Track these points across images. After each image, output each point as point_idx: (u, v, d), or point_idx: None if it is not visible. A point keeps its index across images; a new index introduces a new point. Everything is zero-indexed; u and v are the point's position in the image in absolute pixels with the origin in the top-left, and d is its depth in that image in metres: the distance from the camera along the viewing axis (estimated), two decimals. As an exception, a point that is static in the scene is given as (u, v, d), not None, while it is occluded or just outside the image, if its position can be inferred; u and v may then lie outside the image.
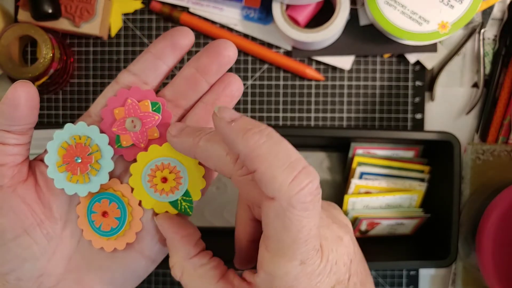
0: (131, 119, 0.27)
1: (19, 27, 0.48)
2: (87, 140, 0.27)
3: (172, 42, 0.27)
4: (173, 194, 0.28)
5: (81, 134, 0.27)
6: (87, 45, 0.53)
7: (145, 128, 0.27)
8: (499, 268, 0.46)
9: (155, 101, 0.27)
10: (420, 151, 0.51)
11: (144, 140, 0.27)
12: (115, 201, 0.28)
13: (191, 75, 0.27)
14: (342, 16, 0.48)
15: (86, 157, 0.27)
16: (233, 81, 0.28)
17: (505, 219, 0.46)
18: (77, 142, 0.27)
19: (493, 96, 0.52)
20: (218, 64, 0.27)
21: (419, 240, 0.51)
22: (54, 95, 0.53)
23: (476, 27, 0.52)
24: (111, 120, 0.27)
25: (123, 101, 0.27)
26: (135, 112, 0.27)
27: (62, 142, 0.27)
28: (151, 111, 0.27)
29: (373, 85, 0.53)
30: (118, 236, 0.28)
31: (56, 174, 0.27)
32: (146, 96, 0.27)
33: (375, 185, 0.49)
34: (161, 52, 0.27)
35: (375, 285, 0.54)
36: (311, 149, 0.53)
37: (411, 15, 0.47)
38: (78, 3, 0.49)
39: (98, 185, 0.28)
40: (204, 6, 0.52)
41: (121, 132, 0.27)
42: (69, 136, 0.27)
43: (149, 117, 0.27)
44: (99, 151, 0.27)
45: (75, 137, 0.27)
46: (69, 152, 0.27)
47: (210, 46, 0.27)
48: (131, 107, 0.27)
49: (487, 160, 0.51)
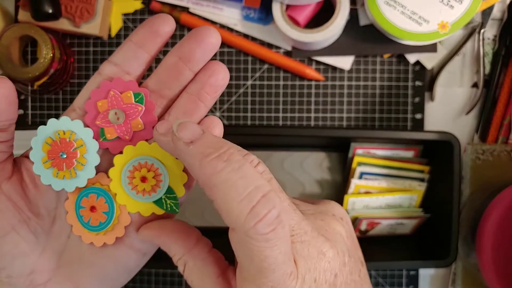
0: (114, 111, 0.27)
1: (19, 27, 0.48)
2: (71, 135, 0.27)
3: (152, 29, 0.26)
4: (156, 193, 0.27)
5: (65, 129, 0.27)
6: (87, 45, 0.53)
7: (129, 120, 0.27)
8: (499, 268, 0.46)
9: (138, 91, 0.27)
10: (420, 151, 0.51)
11: (128, 132, 0.27)
12: (103, 195, 0.28)
13: (174, 64, 0.26)
14: (342, 16, 0.48)
15: (71, 152, 0.27)
16: (218, 69, 0.27)
17: (505, 219, 0.46)
18: (61, 137, 0.27)
19: (493, 96, 0.52)
20: (202, 51, 0.26)
21: (419, 240, 0.52)
22: (54, 95, 0.53)
23: (476, 27, 0.52)
24: (95, 113, 0.27)
25: (106, 93, 0.27)
26: (118, 104, 0.27)
27: (46, 137, 0.27)
28: (134, 102, 0.27)
29: (373, 85, 0.53)
30: (107, 230, 0.28)
31: (42, 170, 0.27)
32: (128, 87, 0.27)
33: (375, 185, 0.49)
34: (142, 40, 0.26)
35: (375, 285, 0.54)
36: (311, 149, 0.53)
37: (411, 15, 0.47)
38: (78, 3, 0.49)
39: (85, 180, 0.27)
40: (204, 6, 0.52)
41: (105, 125, 0.27)
42: (53, 132, 0.27)
43: (132, 108, 0.27)
44: (84, 145, 0.27)
45: (59, 132, 0.27)
46: (54, 148, 0.27)
47: (193, 33, 0.26)
48: (114, 99, 0.27)
49: (487, 160, 0.51)
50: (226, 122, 0.53)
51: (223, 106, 0.53)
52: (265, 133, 0.46)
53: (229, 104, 0.53)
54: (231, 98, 0.53)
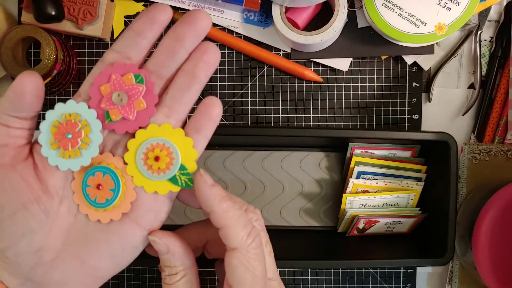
0: (117, 93, 0.29)
1: (22, 29, 0.48)
2: (77, 117, 0.29)
3: (150, 18, 0.28)
4: (170, 171, 0.29)
5: (71, 112, 0.29)
6: (90, 46, 0.53)
7: (131, 100, 0.29)
8: (495, 265, 0.47)
9: (138, 73, 0.29)
10: (417, 151, 0.51)
11: (132, 112, 0.29)
12: (109, 173, 0.29)
13: (169, 44, 0.28)
14: (340, 19, 0.49)
15: (76, 132, 0.29)
16: (209, 49, 0.29)
17: (501, 218, 0.47)
18: (67, 119, 0.29)
19: (489, 97, 0.53)
20: (194, 32, 0.28)
21: (416, 239, 0.52)
22: (57, 96, 0.54)
23: (473, 29, 0.53)
24: (99, 97, 0.29)
25: (108, 78, 0.28)
26: (120, 86, 0.29)
27: (54, 121, 0.29)
28: (135, 83, 0.29)
29: (370, 86, 0.54)
30: (113, 206, 0.29)
31: (49, 151, 0.29)
32: (128, 70, 0.28)
33: (372, 184, 0.49)
34: (141, 28, 0.28)
35: (373, 283, 0.55)
36: (310, 149, 0.53)
37: (409, 17, 0.48)
38: (81, 6, 0.49)
39: (89, 159, 0.29)
40: (205, 9, 0.52)
41: (109, 107, 0.29)
42: (60, 115, 0.29)
43: (134, 89, 0.29)
44: (88, 125, 0.29)
45: (65, 115, 0.29)
46: (60, 129, 0.29)
47: (186, 16, 0.28)
48: (116, 82, 0.28)
49: (483, 160, 0.52)
50: (226, 122, 0.54)
51: (224, 107, 0.54)
52: (264, 133, 0.46)
53: (229, 105, 0.54)
54: (231, 99, 0.54)
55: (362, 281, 0.55)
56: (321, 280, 0.55)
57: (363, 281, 0.55)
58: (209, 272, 0.55)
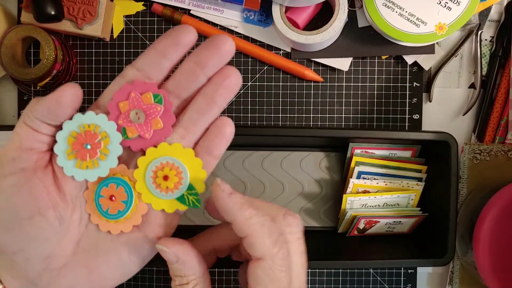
0: (135, 111, 0.29)
1: (22, 28, 0.48)
2: (96, 128, 0.29)
3: (175, 39, 0.28)
4: (178, 190, 0.29)
5: (90, 123, 0.29)
6: (90, 46, 0.53)
7: (149, 119, 0.29)
8: (495, 266, 0.47)
9: (157, 93, 0.28)
10: (418, 151, 0.51)
11: (148, 130, 0.29)
12: (122, 185, 0.29)
13: (191, 69, 0.28)
14: (341, 18, 0.49)
15: (95, 143, 0.29)
16: (232, 74, 0.29)
17: (501, 218, 0.47)
18: (86, 130, 0.29)
19: (490, 96, 0.53)
20: (217, 58, 0.28)
21: (416, 239, 0.52)
22: (56, 96, 0.53)
23: (473, 29, 0.53)
24: (117, 113, 0.29)
25: (127, 95, 0.28)
26: (139, 105, 0.29)
27: (71, 131, 0.29)
28: (154, 103, 0.28)
29: (371, 86, 0.54)
30: (125, 218, 0.29)
31: (65, 161, 0.29)
32: (148, 89, 0.28)
33: (373, 184, 0.49)
34: (165, 49, 0.28)
35: (374, 283, 0.55)
36: (310, 149, 0.53)
37: (409, 17, 0.48)
38: (81, 5, 0.49)
39: (108, 170, 0.29)
40: (205, 9, 0.52)
41: (126, 124, 0.29)
42: (78, 125, 0.29)
43: (152, 108, 0.29)
44: (108, 137, 0.29)
45: (84, 126, 0.29)
46: (79, 140, 0.29)
47: (209, 41, 0.28)
48: (135, 100, 0.28)
49: (484, 160, 0.52)
50: (226, 122, 0.54)
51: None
52: (264, 133, 0.46)
53: (229, 105, 0.54)
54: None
55: (363, 282, 0.55)
56: (321, 280, 0.55)
57: (363, 282, 0.55)
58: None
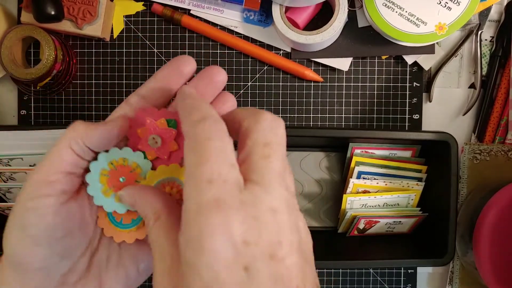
0: (152, 137, 0.30)
1: (22, 28, 0.48)
2: (125, 161, 0.30)
3: (176, 69, 0.30)
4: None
5: (117, 158, 0.30)
6: (90, 46, 0.53)
7: (165, 143, 0.31)
8: (496, 266, 0.47)
9: (170, 118, 0.31)
10: (418, 151, 0.51)
11: (166, 153, 0.31)
12: None
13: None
14: (341, 18, 0.49)
15: (130, 175, 0.30)
16: (229, 99, 0.31)
17: (501, 218, 0.47)
18: (116, 165, 0.30)
19: (490, 96, 0.53)
20: (213, 88, 0.30)
21: (416, 239, 0.52)
22: (56, 96, 0.54)
23: (473, 29, 0.53)
24: (135, 140, 0.30)
25: (143, 122, 0.30)
26: (155, 130, 0.30)
27: (101, 170, 0.30)
28: (168, 127, 0.31)
29: (371, 86, 0.54)
30: (138, 227, 0.31)
31: (103, 200, 0.30)
32: (161, 115, 0.30)
33: (373, 184, 0.49)
34: (167, 78, 0.30)
35: (374, 283, 0.55)
36: (310, 149, 0.53)
37: (409, 17, 0.48)
38: (81, 5, 0.49)
39: None
40: (205, 9, 0.52)
41: (146, 149, 0.31)
42: (106, 163, 0.30)
43: (168, 133, 0.31)
44: (139, 166, 0.30)
45: (113, 162, 0.30)
46: (112, 176, 0.30)
47: (204, 73, 0.30)
48: (151, 126, 0.30)
49: (484, 160, 0.52)
50: (226, 122, 0.54)
51: (224, 107, 0.54)
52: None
53: (229, 105, 0.54)
54: (231, 99, 0.54)
55: (363, 282, 0.55)
56: (321, 280, 0.55)
57: (363, 282, 0.55)
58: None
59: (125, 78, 0.53)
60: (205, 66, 0.53)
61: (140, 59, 0.53)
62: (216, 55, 0.53)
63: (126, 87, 0.54)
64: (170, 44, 0.53)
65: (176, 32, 0.53)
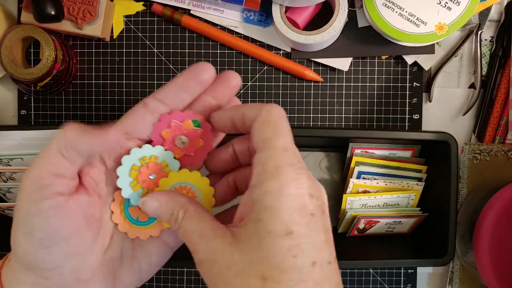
0: (179, 138, 0.32)
1: (22, 28, 0.48)
2: (156, 159, 0.32)
3: (195, 77, 0.31)
4: None
5: (149, 155, 0.32)
6: (90, 46, 0.53)
7: (192, 142, 0.33)
8: (496, 266, 0.47)
9: (195, 118, 0.32)
10: (418, 151, 0.51)
11: (193, 150, 0.33)
12: None
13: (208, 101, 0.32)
14: (341, 18, 0.49)
15: (160, 172, 0.32)
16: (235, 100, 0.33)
17: (501, 218, 0.47)
18: (148, 162, 0.32)
19: (490, 96, 0.53)
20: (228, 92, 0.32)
21: (416, 239, 0.52)
22: (57, 96, 0.54)
23: (473, 29, 0.53)
24: (159, 141, 0.32)
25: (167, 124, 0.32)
26: (180, 131, 0.32)
27: (133, 165, 0.31)
28: (194, 128, 0.32)
29: (371, 86, 0.54)
30: (154, 224, 0.32)
31: (131, 193, 0.31)
32: (186, 117, 0.32)
33: (373, 184, 0.49)
34: (185, 83, 0.31)
35: (374, 283, 0.54)
36: (310, 149, 0.53)
37: (409, 17, 0.48)
38: (81, 5, 0.49)
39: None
40: (205, 9, 0.52)
41: (172, 148, 0.32)
42: (137, 159, 0.31)
43: (195, 133, 0.33)
44: (168, 166, 0.32)
45: (145, 158, 0.32)
46: (143, 172, 0.32)
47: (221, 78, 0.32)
48: (177, 128, 0.32)
49: (484, 160, 0.52)
50: (226, 122, 0.54)
51: (224, 107, 0.54)
52: (264, 133, 0.46)
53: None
54: (231, 99, 0.54)
55: (363, 282, 0.55)
56: (321, 280, 0.55)
57: (363, 282, 0.55)
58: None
59: (125, 78, 0.53)
60: (205, 66, 0.53)
61: (140, 59, 0.53)
62: (216, 55, 0.53)
63: (126, 87, 0.54)
64: (170, 44, 0.53)
65: (176, 32, 0.53)
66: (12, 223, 0.28)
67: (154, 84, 0.54)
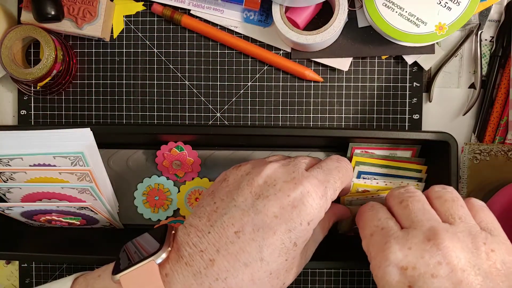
0: (174, 162, 0.50)
1: (22, 28, 0.48)
2: (160, 185, 0.52)
3: None
4: None
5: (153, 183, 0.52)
6: (90, 46, 0.53)
7: (184, 162, 0.50)
8: (495, 266, 0.47)
9: (177, 145, 0.50)
10: (418, 151, 0.51)
11: (188, 167, 0.51)
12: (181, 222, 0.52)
13: None
14: (341, 18, 0.49)
15: (163, 195, 0.52)
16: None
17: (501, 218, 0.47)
18: (153, 188, 0.52)
19: (490, 96, 0.53)
20: None
21: (417, 239, 0.52)
22: (57, 96, 0.54)
23: (473, 29, 0.53)
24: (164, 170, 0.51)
25: (163, 156, 0.50)
26: (173, 158, 0.50)
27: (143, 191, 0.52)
28: (179, 152, 0.50)
29: (371, 86, 0.54)
30: None
31: (144, 209, 0.52)
32: (170, 147, 0.50)
33: (373, 184, 0.49)
34: None
35: (373, 283, 0.54)
36: (310, 149, 0.53)
37: (409, 17, 0.48)
38: (81, 5, 0.49)
39: (172, 212, 0.52)
40: (205, 9, 0.52)
41: (175, 171, 0.51)
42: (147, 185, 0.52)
43: (182, 156, 0.50)
44: (169, 191, 0.52)
45: (150, 186, 0.52)
46: (151, 194, 0.52)
47: None
48: (168, 156, 0.50)
49: (484, 160, 0.52)
50: (226, 122, 0.54)
51: (224, 107, 0.54)
52: (264, 133, 0.46)
53: (229, 105, 0.54)
54: (231, 99, 0.54)
55: (362, 282, 0.55)
56: (321, 280, 0.55)
57: (363, 282, 0.55)
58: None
59: (125, 78, 0.53)
60: (205, 66, 0.53)
61: (140, 59, 0.53)
62: (216, 55, 0.53)
63: (126, 87, 0.54)
64: (170, 44, 0.53)
65: (176, 32, 0.53)
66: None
67: (154, 84, 0.54)
